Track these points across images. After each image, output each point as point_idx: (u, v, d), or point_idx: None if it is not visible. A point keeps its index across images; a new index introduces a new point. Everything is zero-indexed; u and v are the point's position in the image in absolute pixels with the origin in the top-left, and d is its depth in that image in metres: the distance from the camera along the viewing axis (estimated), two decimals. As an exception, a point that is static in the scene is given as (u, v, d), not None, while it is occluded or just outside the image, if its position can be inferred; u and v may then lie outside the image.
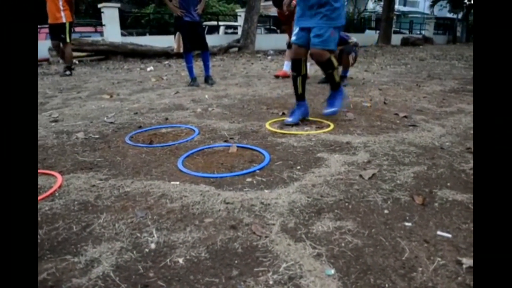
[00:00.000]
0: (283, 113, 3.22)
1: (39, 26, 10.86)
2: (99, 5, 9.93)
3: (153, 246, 1.27)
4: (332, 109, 2.89)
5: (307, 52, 2.79)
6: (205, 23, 13.67)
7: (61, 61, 8.17)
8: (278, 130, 2.67)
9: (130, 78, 6.00)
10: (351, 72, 5.41)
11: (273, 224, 1.39)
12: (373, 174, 1.85)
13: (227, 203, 1.55)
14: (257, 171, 1.90)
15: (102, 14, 9.83)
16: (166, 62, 8.64)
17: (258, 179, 1.81)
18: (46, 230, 1.39)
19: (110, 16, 9.73)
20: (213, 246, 1.26)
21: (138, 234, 1.34)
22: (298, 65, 2.83)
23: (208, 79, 5.15)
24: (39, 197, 1.65)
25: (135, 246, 1.28)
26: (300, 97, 2.94)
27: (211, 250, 1.24)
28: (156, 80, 5.59)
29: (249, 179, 1.80)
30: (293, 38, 2.81)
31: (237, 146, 2.26)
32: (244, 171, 1.89)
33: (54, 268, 1.17)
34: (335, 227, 1.38)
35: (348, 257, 1.20)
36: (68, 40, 6.11)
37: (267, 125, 2.80)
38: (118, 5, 10.48)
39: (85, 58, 8.69)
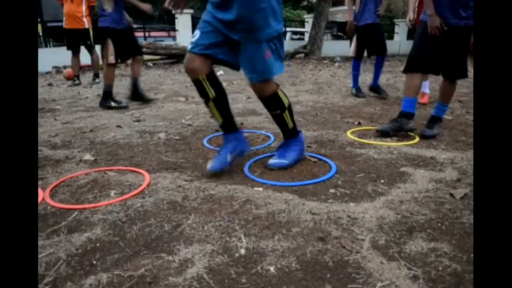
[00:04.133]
0: (359, 123, 3.15)
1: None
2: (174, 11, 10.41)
3: (243, 251, 1.29)
4: (279, 161, 2.08)
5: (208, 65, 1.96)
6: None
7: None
8: (358, 139, 2.61)
9: (201, 81, 6.19)
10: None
11: (363, 240, 1.35)
12: (465, 194, 1.73)
13: (313, 213, 1.53)
14: (340, 182, 1.87)
15: (176, 20, 10.30)
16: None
17: (342, 190, 1.77)
18: (140, 227, 1.47)
19: (184, 21, 10.16)
20: (303, 257, 1.25)
21: (227, 238, 1.37)
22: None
23: (377, 89, 4.45)
24: (130, 194, 1.75)
25: (225, 250, 1.30)
26: (223, 126, 2.12)
27: (301, 261, 1.23)
28: (227, 84, 5.72)
29: (332, 190, 1.77)
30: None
31: (308, 155, 2.24)
32: (304, 182, 1.86)
33: (150, 265, 1.22)
34: (429, 248, 1.30)
35: (448, 283, 1.13)
36: (93, 45, 5.96)
37: (348, 134, 2.75)
38: (191, 11, 10.90)
39: (158, 61, 9.16)
